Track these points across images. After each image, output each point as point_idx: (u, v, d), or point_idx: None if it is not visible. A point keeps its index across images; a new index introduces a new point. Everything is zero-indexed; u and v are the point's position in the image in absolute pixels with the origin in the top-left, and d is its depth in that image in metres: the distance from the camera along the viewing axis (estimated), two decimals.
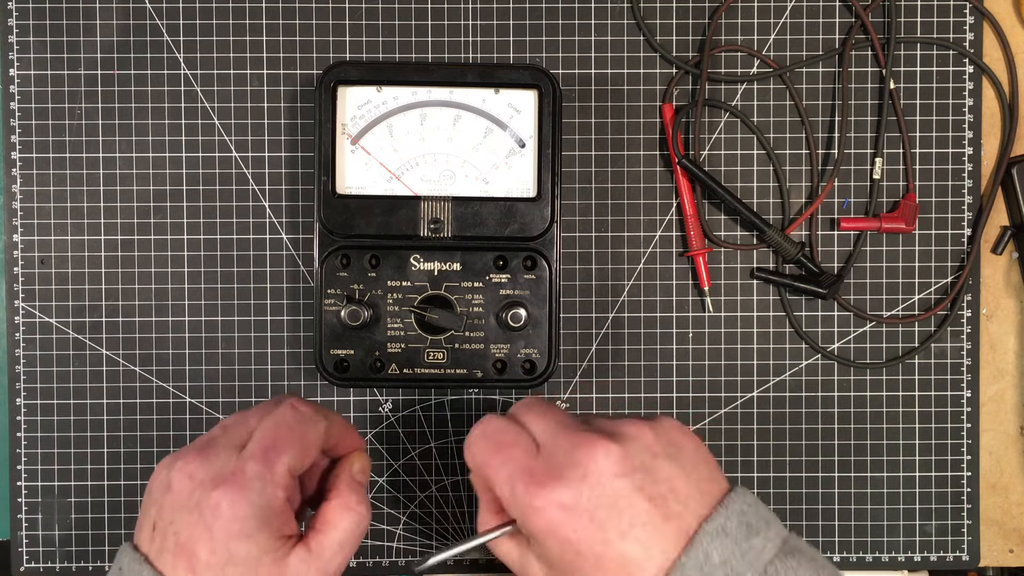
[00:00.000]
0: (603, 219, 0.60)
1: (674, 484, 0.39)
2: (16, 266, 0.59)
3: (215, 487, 0.40)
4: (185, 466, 0.41)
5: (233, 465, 0.41)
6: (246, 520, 0.39)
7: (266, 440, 0.41)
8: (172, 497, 0.41)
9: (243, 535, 0.39)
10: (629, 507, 0.38)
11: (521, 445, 0.41)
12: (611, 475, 0.38)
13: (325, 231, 0.56)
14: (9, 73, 0.59)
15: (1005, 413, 0.61)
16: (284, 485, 0.41)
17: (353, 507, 0.43)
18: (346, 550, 0.42)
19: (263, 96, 0.60)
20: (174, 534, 0.40)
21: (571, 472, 0.39)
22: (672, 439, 0.41)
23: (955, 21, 0.60)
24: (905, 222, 0.59)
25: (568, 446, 0.40)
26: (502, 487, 0.40)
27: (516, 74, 0.56)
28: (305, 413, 0.43)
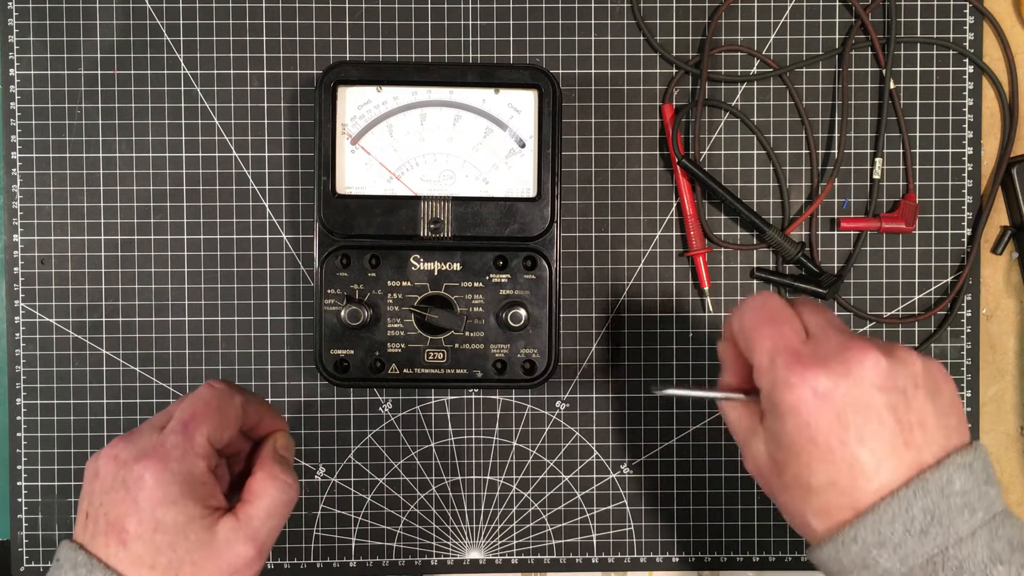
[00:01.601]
0: (603, 219, 0.60)
1: (925, 418, 0.40)
2: (16, 266, 0.59)
3: (137, 462, 0.42)
4: (110, 450, 0.43)
5: (155, 440, 0.43)
6: (169, 486, 0.41)
7: (184, 415, 0.43)
8: (100, 482, 0.43)
9: (167, 502, 0.41)
10: (878, 419, 0.39)
11: (793, 326, 0.42)
12: (872, 384, 0.39)
13: (325, 231, 0.56)
14: (9, 73, 0.59)
15: (1005, 413, 0.61)
16: (204, 454, 0.43)
17: (278, 476, 0.45)
18: (275, 519, 0.44)
19: (263, 96, 0.60)
20: (104, 515, 0.42)
21: (836, 365, 0.39)
22: (936, 379, 0.41)
23: (955, 21, 0.60)
24: (905, 222, 0.59)
25: (839, 343, 0.40)
26: (762, 356, 0.41)
27: (516, 74, 0.56)
28: (221, 389, 0.45)
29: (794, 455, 0.40)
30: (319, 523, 0.60)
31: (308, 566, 0.60)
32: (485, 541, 0.60)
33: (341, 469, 0.60)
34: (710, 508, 0.60)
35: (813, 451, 0.39)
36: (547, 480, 0.60)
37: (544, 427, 0.60)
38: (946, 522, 0.38)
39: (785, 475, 0.41)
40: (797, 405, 0.39)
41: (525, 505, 0.60)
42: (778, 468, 0.41)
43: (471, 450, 0.60)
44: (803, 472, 0.40)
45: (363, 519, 0.60)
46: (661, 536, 0.61)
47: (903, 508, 0.38)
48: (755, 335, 0.42)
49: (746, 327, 0.42)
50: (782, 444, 0.40)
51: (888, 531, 0.38)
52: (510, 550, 0.60)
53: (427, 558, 0.60)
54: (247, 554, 0.42)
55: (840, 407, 0.39)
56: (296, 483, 0.45)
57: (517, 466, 0.60)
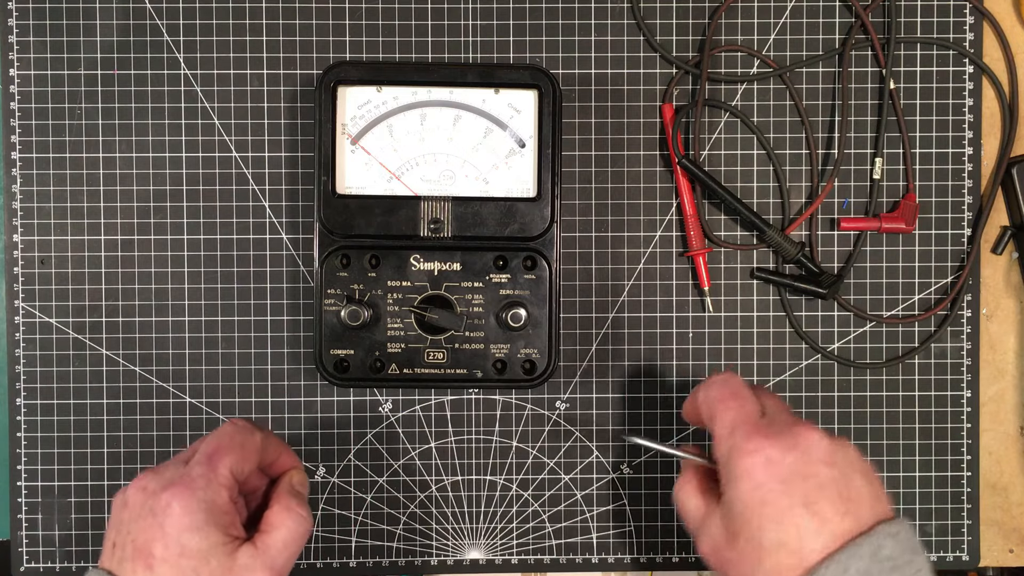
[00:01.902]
0: (603, 219, 0.60)
1: (860, 494, 0.44)
2: (16, 266, 0.59)
3: (164, 490, 0.45)
4: (138, 482, 0.46)
5: (181, 471, 0.46)
6: (194, 514, 0.44)
7: (209, 448, 0.47)
8: (128, 511, 0.46)
9: (193, 528, 0.44)
10: (821, 488, 0.43)
11: (753, 404, 0.47)
12: (817, 458, 0.44)
13: (325, 231, 0.56)
14: (9, 73, 0.59)
15: (1005, 413, 0.61)
16: (227, 485, 0.46)
17: (294, 509, 0.48)
18: (290, 549, 0.47)
19: (263, 96, 0.60)
20: (132, 541, 0.44)
21: (787, 439, 0.44)
22: (866, 464, 0.46)
23: (955, 21, 0.60)
24: (905, 222, 0.59)
25: (789, 423, 0.46)
26: (723, 426, 0.46)
27: (516, 74, 0.56)
28: (242, 426, 0.49)
29: (747, 520, 0.43)
30: (319, 523, 0.60)
31: (308, 566, 0.60)
32: (485, 541, 0.60)
33: (341, 469, 0.60)
34: None
35: (764, 513, 0.43)
36: (547, 480, 0.60)
37: (544, 427, 0.60)
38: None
39: (739, 542, 0.44)
40: (751, 469, 0.44)
41: (525, 505, 0.60)
42: (732, 538, 0.44)
43: (471, 450, 0.60)
44: (755, 535, 0.43)
45: (363, 519, 0.60)
46: (661, 536, 0.61)
47: (840, 569, 0.41)
48: (719, 407, 0.47)
49: (711, 399, 0.47)
50: (735, 510, 0.44)
51: None
52: (510, 550, 0.60)
53: (427, 558, 0.60)
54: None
55: (787, 474, 0.43)
56: (311, 517, 0.48)
57: (517, 466, 0.60)
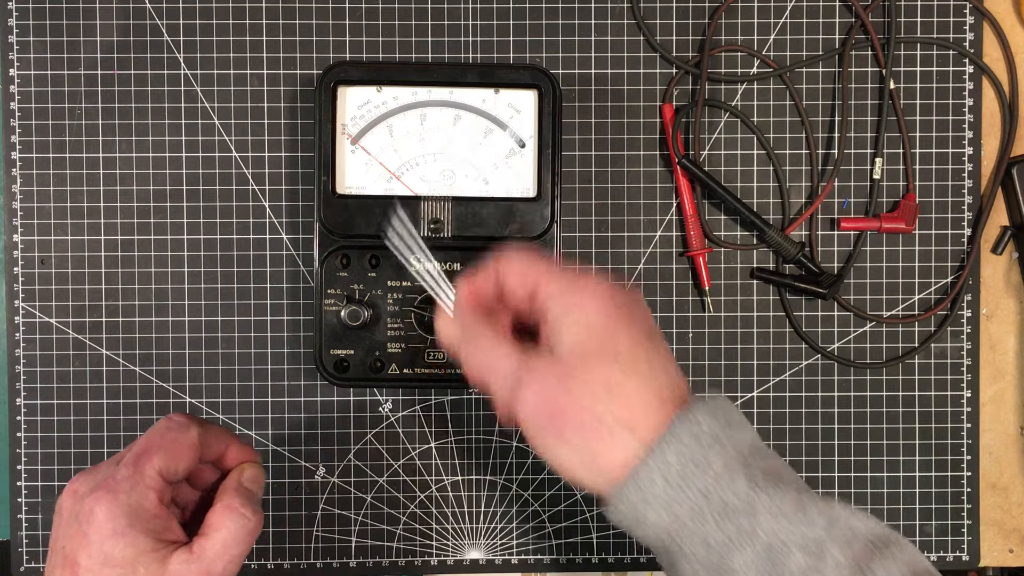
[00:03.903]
0: (603, 219, 0.60)
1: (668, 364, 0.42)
2: (16, 266, 0.59)
3: (90, 495, 0.42)
4: (70, 486, 0.44)
5: (108, 473, 0.43)
6: (117, 519, 0.41)
7: (138, 448, 0.44)
8: (60, 517, 0.44)
9: (116, 534, 0.41)
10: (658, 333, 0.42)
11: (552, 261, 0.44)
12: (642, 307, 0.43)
13: (325, 231, 0.56)
14: (9, 73, 0.59)
15: (1005, 413, 0.61)
16: (155, 487, 0.43)
17: (236, 509, 0.44)
18: (231, 552, 0.43)
19: (263, 96, 0.60)
20: (61, 549, 0.43)
21: (598, 279, 0.42)
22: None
23: (955, 21, 0.60)
24: (905, 222, 0.59)
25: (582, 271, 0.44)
26: (550, 269, 0.42)
27: (516, 74, 0.56)
28: (177, 421, 0.45)
29: (596, 347, 0.40)
30: (319, 523, 0.60)
31: (308, 566, 0.60)
32: (485, 541, 0.60)
33: (341, 469, 0.60)
34: None
35: (618, 340, 0.40)
36: (547, 480, 0.60)
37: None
38: (701, 462, 0.38)
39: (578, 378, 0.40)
40: (601, 294, 0.41)
41: (525, 505, 0.60)
42: (569, 375, 0.40)
43: (471, 450, 0.60)
44: (600, 369, 0.39)
45: (363, 519, 0.60)
46: None
47: (660, 460, 0.38)
48: (533, 262, 0.43)
49: (518, 260, 0.43)
50: (579, 340, 0.40)
51: (648, 485, 0.38)
52: (510, 550, 0.60)
53: (427, 558, 0.60)
54: None
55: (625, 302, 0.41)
56: (257, 516, 0.45)
57: (517, 466, 0.60)
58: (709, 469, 0.38)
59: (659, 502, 0.38)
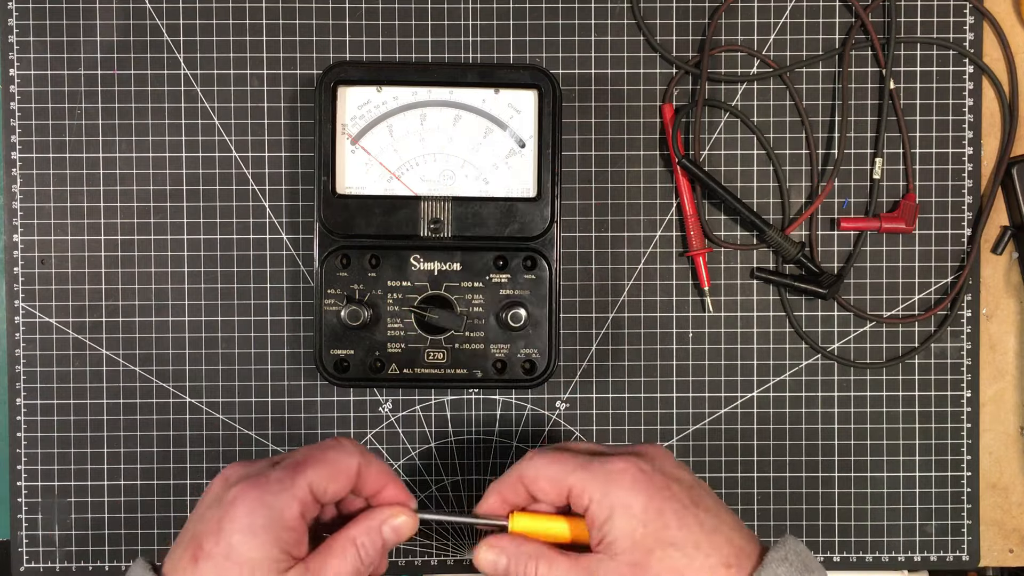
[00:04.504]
0: (603, 219, 0.60)
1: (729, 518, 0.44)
2: (16, 266, 0.59)
3: (237, 484, 0.42)
4: (225, 470, 0.44)
5: (263, 470, 0.42)
6: (255, 516, 0.40)
7: (298, 456, 0.43)
8: (205, 498, 0.43)
9: (248, 532, 0.40)
10: (690, 490, 0.43)
11: (581, 448, 0.45)
12: (671, 463, 0.44)
13: (325, 231, 0.56)
14: (9, 73, 0.59)
15: (1005, 413, 0.61)
16: (301, 498, 0.42)
17: (357, 543, 0.43)
18: (389, 531, 0.43)
19: (263, 96, 0.60)
20: (193, 528, 0.42)
21: (635, 452, 0.44)
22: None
23: (955, 21, 0.60)
24: (905, 222, 0.59)
25: (623, 447, 0.45)
26: (574, 469, 0.43)
27: (516, 74, 0.56)
28: (344, 444, 0.44)
29: (652, 540, 0.41)
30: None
31: None
32: None
33: None
34: None
35: (670, 519, 0.41)
36: None
37: (544, 427, 0.60)
38: None
39: (650, 574, 0.41)
40: (636, 480, 0.42)
41: None
42: (640, 568, 0.41)
43: (471, 450, 0.60)
44: (664, 561, 0.40)
45: None
46: None
47: None
48: (556, 464, 0.43)
49: (542, 465, 0.44)
50: (637, 536, 0.41)
51: None
52: None
53: (427, 558, 0.60)
54: None
55: (665, 477, 0.42)
56: (371, 563, 0.43)
57: None
58: None
59: None
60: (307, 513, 0.42)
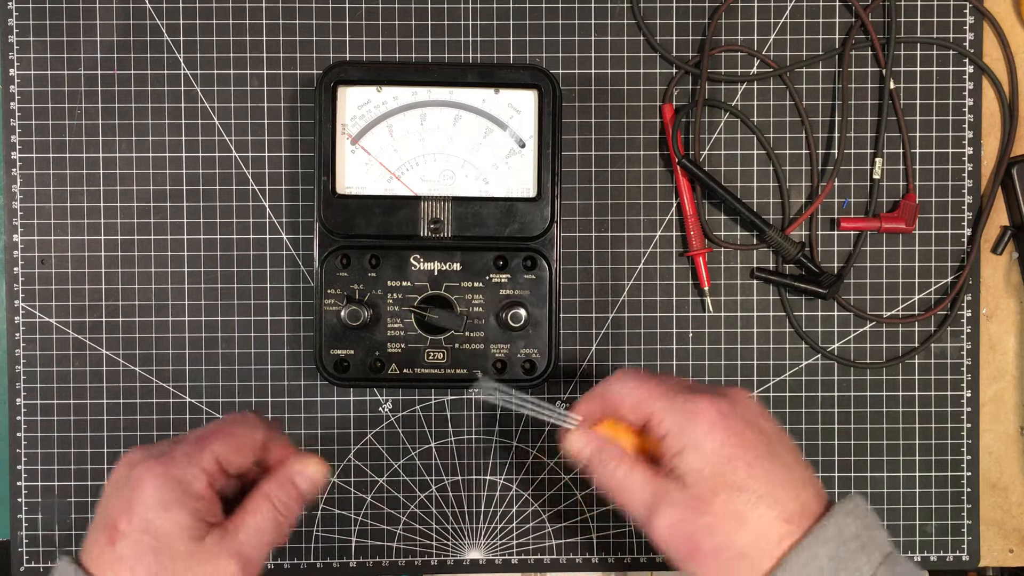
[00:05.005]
0: (603, 219, 0.60)
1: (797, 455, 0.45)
2: (16, 266, 0.59)
3: (142, 463, 0.43)
4: (126, 456, 0.44)
5: (166, 448, 0.44)
6: (164, 491, 0.41)
7: (201, 431, 0.44)
8: (110, 484, 0.44)
9: (160, 507, 0.41)
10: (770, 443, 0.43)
11: (668, 380, 0.46)
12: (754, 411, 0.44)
13: (325, 231, 0.56)
14: (9, 73, 0.59)
15: (1005, 413, 0.61)
16: (207, 469, 0.43)
17: (270, 498, 0.44)
18: (262, 538, 0.43)
19: (263, 96, 0.60)
20: (105, 514, 0.43)
21: (723, 395, 0.44)
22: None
23: (955, 21, 0.60)
24: (905, 222, 0.59)
25: (710, 386, 0.45)
26: (658, 399, 0.44)
27: (516, 74, 0.56)
28: (248, 418, 0.46)
29: (720, 474, 0.42)
30: (319, 523, 0.60)
31: (308, 566, 0.60)
32: (485, 541, 0.60)
33: (341, 469, 0.60)
34: None
35: (743, 457, 0.42)
36: (547, 480, 0.60)
37: (544, 427, 0.60)
38: (851, 566, 0.40)
39: (715, 503, 0.41)
40: (714, 421, 0.42)
41: (525, 505, 0.60)
42: (704, 503, 0.42)
43: (471, 450, 0.60)
44: (728, 504, 0.41)
45: (363, 519, 0.60)
46: None
47: (810, 557, 0.40)
48: (646, 385, 0.45)
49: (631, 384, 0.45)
50: (706, 469, 0.42)
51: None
52: (510, 550, 0.60)
53: (427, 558, 0.60)
54: (228, 568, 0.42)
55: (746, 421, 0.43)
56: (288, 512, 0.44)
57: (517, 466, 0.60)
58: (858, 571, 0.40)
59: None
60: (215, 483, 0.43)
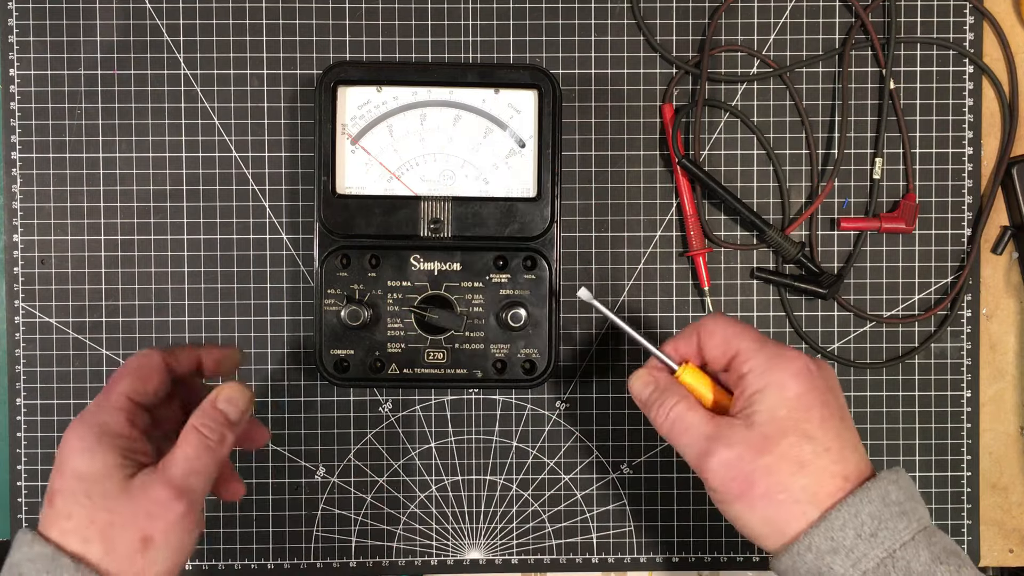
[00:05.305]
0: (603, 219, 0.60)
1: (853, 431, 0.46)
2: (16, 266, 0.59)
3: (67, 429, 0.43)
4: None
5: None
6: (84, 438, 0.42)
7: (111, 380, 0.45)
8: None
9: (84, 451, 0.42)
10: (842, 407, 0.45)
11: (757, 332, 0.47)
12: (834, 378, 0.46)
13: (325, 231, 0.56)
14: (9, 73, 0.59)
15: (1005, 413, 0.61)
16: (122, 407, 0.44)
17: (196, 428, 0.44)
18: (194, 466, 0.43)
19: (263, 96, 0.60)
20: (48, 489, 0.43)
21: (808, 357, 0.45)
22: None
23: (955, 21, 0.60)
24: (905, 222, 0.59)
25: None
26: (750, 339, 0.45)
27: (516, 74, 0.56)
28: (146, 350, 0.46)
29: (791, 425, 0.43)
30: (319, 523, 0.60)
31: (308, 566, 0.60)
32: (485, 541, 0.60)
33: (341, 469, 0.60)
34: (710, 508, 0.60)
35: (814, 413, 0.43)
36: (547, 480, 0.60)
37: (544, 427, 0.60)
38: (891, 527, 0.41)
39: (779, 447, 0.43)
40: (799, 372, 0.44)
41: (525, 505, 0.60)
42: (768, 444, 0.43)
43: (471, 450, 0.60)
44: (794, 448, 0.42)
45: (363, 519, 0.60)
46: (661, 536, 0.61)
47: (852, 513, 0.41)
48: (737, 328, 0.46)
49: (724, 323, 0.47)
50: (778, 415, 0.43)
51: (841, 536, 0.41)
52: (510, 550, 0.60)
53: (427, 558, 0.60)
54: (163, 495, 0.42)
55: (823, 385, 0.44)
56: (217, 435, 0.44)
57: (517, 466, 0.60)
58: (897, 533, 0.41)
59: (847, 552, 0.41)
60: (134, 419, 0.44)
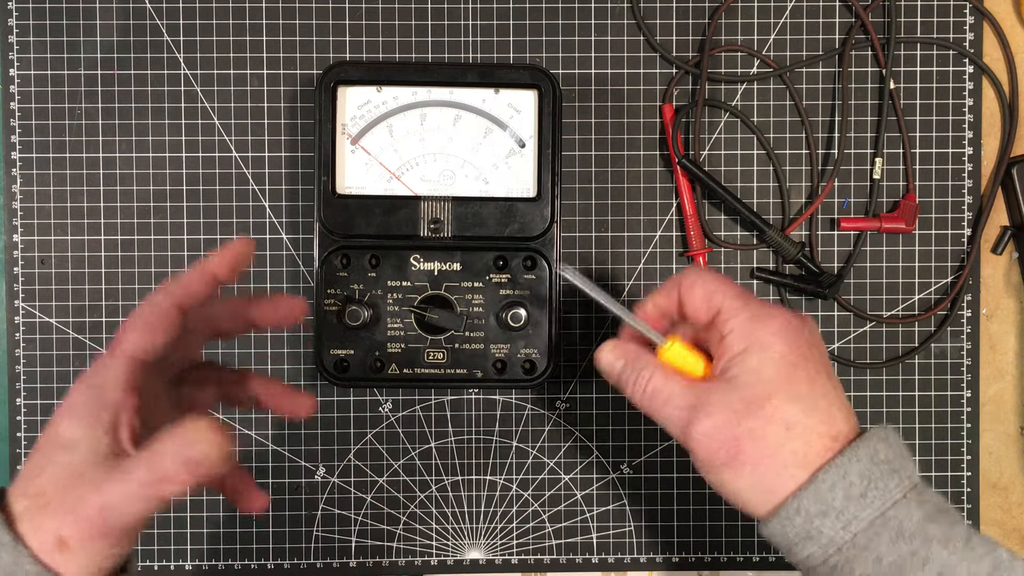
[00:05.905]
0: (603, 219, 0.60)
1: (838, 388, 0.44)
2: (16, 266, 0.59)
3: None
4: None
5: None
6: (78, 402, 0.38)
7: (117, 332, 0.41)
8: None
9: (70, 415, 0.38)
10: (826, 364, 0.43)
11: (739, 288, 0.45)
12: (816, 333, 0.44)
13: (325, 231, 0.56)
14: (9, 73, 0.59)
15: (1005, 413, 0.61)
16: (122, 365, 0.39)
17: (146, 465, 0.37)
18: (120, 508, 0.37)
19: (263, 96, 0.60)
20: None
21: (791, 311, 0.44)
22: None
23: (955, 21, 0.60)
24: (905, 222, 0.59)
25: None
26: (733, 296, 0.43)
27: (516, 74, 0.56)
28: (150, 296, 0.42)
29: (778, 383, 0.41)
30: (319, 523, 0.60)
31: (308, 566, 0.60)
32: (485, 541, 0.60)
33: (341, 469, 0.60)
34: (710, 508, 0.60)
35: (802, 370, 0.41)
36: (547, 480, 0.60)
37: (544, 427, 0.60)
38: (881, 486, 0.40)
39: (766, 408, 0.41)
40: (782, 329, 0.42)
41: (525, 505, 0.60)
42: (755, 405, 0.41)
43: (471, 450, 0.60)
44: (779, 410, 0.41)
45: (363, 519, 0.60)
46: (661, 536, 0.61)
47: (841, 474, 0.40)
48: (719, 283, 0.44)
49: (708, 278, 0.44)
50: (764, 376, 0.41)
51: (830, 498, 0.40)
52: (510, 550, 0.60)
53: (427, 558, 0.60)
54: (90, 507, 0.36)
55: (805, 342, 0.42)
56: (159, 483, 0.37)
57: (517, 466, 0.60)
58: (888, 492, 0.40)
59: (837, 514, 0.40)
60: (134, 377, 0.39)
